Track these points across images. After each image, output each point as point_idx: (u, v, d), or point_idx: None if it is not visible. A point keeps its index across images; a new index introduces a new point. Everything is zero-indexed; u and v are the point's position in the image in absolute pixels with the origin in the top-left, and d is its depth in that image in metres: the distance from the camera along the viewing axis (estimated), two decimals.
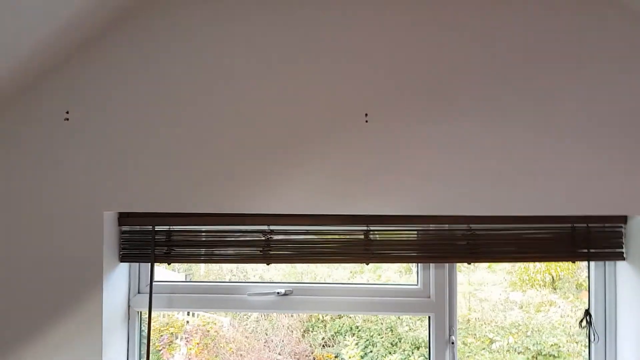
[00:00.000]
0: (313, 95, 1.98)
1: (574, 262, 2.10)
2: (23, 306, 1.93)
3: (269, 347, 3.25)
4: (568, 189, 1.99)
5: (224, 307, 2.22)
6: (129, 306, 2.12)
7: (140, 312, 2.10)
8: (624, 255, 2.06)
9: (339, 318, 3.53)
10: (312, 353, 3.34)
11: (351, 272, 3.04)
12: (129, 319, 2.13)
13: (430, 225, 2.08)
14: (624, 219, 2.06)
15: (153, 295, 2.09)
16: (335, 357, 3.20)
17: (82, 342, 1.92)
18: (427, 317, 2.21)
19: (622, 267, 2.11)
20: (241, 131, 1.97)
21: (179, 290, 2.16)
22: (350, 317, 3.53)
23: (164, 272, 2.54)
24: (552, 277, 3.23)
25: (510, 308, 3.40)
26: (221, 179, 1.96)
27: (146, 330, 2.08)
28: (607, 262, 2.14)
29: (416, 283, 2.21)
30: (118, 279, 2.05)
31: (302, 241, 2.09)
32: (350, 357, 3.14)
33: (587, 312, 2.12)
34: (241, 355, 3.11)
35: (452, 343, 2.17)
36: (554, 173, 1.99)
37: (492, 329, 3.36)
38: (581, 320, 2.12)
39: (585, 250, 2.06)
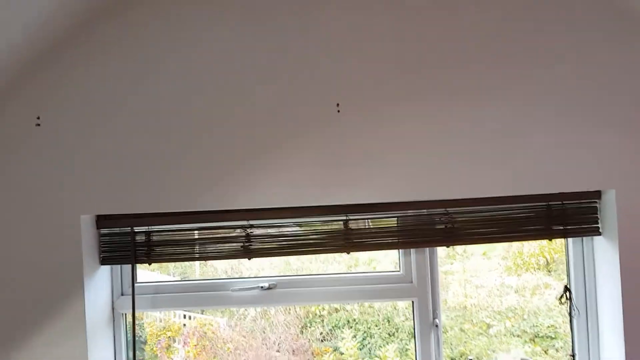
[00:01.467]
0: (284, 89, 2.01)
1: (550, 239, 2.12)
2: (5, 312, 1.90)
3: (266, 344, 3.27)
4: (542, 168, 2.02)
5: (209, 305, 2.25)
6: (113, 308, 2.15)
7: (126, 314, 2.12)
8: (600, 230, 2.08)
9: (336, 312, 3.55)
10: (310, 348, 3.35)
11: (347, 265, 3.06)
12: (114, 321, 2.15)
13: (409, 211, 2.10)
14: (598, 194, 2.07)
15: (138, 296, 2.11)
16: (334, 350, 3.21)
17: (67, 345, 1.95)
18: (411, 302, 2.23)
19: (598, 242, 2.13)
20: (215, 129, 2.00)
21: (163, 290, 2.18)
22: (347, 311, 3.54)
23: (155, 275, 2.56)
24: (547, 260, 3.23)
25: (506, 293, 3.41)
26: (198, 177, 1.99)
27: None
28: (584, 238, 2.15)
29: (398, 269, 2.23)
30: (100, 282, 2.07)
31: (282, 234, 2.12)
32: (347, 349, 3.16)
33: (567, 288, 2.14)
34: (239, 354, 3.13)
35: (436, 326, 2.19)
36: (528, 153, 2.02)
37: (489, 314, 3.37)
38: (561, 296, 2.14)
39: (562, 227, 2.07)
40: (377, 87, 2.01)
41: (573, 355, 2.21)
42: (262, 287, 2.18)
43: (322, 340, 3.42)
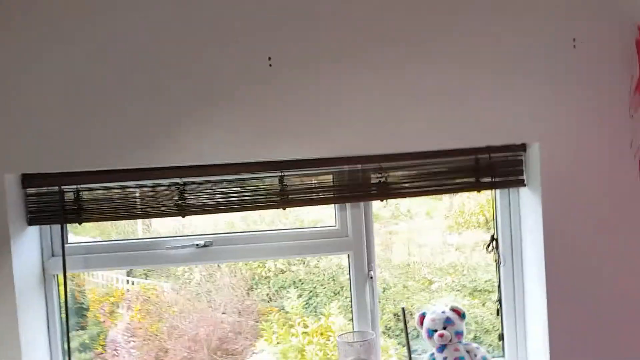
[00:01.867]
0: (214, 42, 1.97)
1: (479, 191, 2.19)
2: None
3: (212, 307, 3.28)
4: (470, 123, 2.08)
5: (144, 264, 2.24)
6: (43, 270, 2.11)
7: (58, 276, 2.09)
8: (525, 182, 2.16)
9: (282, 273, 3.57)
10: (256, 308, 3.38)
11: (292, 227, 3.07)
12: (45, 282, 2.11)
13: (345, 167, 2.12)
14: (523, 148, 2.15)
15: (69, 257, 2.08)
16: (279, 310, 3.25)
17: None
18: (347, 255, 2.27)
19: (523, 193, 2.21)
20: (145, 84, 1.96)
21: (95, 251, 2.16)
22: (292, 272, 3.57)
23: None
24: (486, 218, 3.33)
25: (448, 250, 3.52)
26: (129, 133, 1.95)
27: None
28: (510, 190, 2.23)
29: (334, 224, 2.26)
30: (29, 243, 2.00)
31: (216, 192, 2.11)
32: (292, 308, 3.20)
33: (493, 238, 2.22)
34: (184, 317, 3.12)
35: (371, 278, 2.24)
36: (457, 108, 2.07)
37: (431, 271, 3.47)
38: (488, 245, 2.23)
39: (490, 180, 2.14)
40: (310, 41, 2.00)
41: (499, 302, 2.31)
42: (197, 244, 2.17)
43: (268, 301, 3.46)
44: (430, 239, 3.57)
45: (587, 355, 2.13)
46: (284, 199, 2.11)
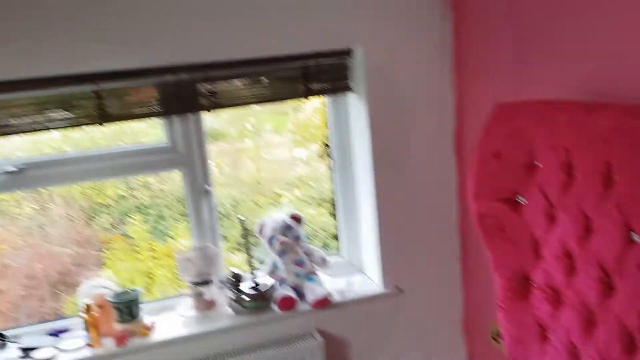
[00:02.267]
0: None
1: (308, 98, 2.21)
2: None
3: (47, 240, 3.07)
4: (296, 28, 2.05)
5: None
6: None
7: None
8: (352, 88, 2.21)
9: (124, 199, 3.42)
10: (97, 237, 3.23)
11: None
12: None
13: (168, 76, 2.01)
14: (349, 53, 2.18)
15: None
16: (123, 237, 3.13)
17: None
18: (180, 171, 2.21)
19: (351, 99, 2.28)
20: None
21: None
22: (136, 197, 3.43)
23: None
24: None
25: (296, 164, 3.58)
26: None
27: None
28: (339, 96, 2.28)
29: (164, 140, 2.16)
30: None
31: (26, 112, 1.89)
32: (137, 234, 3.09)
33: (325, 145, 2.28)
34: (17, 254, 2.90)
35: (207, 192, 2.21)
36: (283, 13, 2.01)
37: (280, 185, 3.53)
38: (321, 152, 2.29)
39: (318, 87, 2.17)
40: None
41: (334, 205, 2.42)
42: (8, 170, 1.97)
43: (110, 229, 3.31)
44: (278, 154, 3.61)
45: (410, 245, 2.34)
46: (102, 114, 1.96)
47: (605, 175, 1.30)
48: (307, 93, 2.16)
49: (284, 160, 3.61)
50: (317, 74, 2.14)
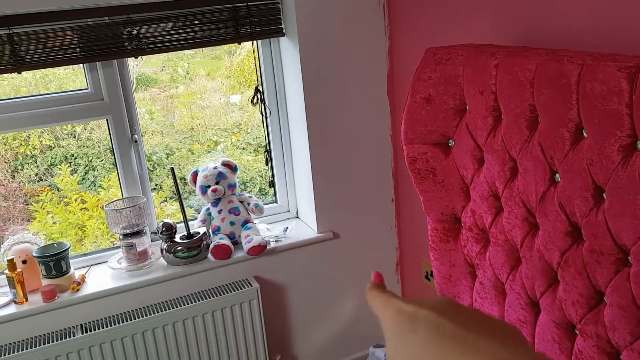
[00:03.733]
0: None
1: (239, 43, 2.13)
2: None
3: None
4: None
5: None
6: None
7: None
8: (283, 31, 2.14)
9: (50, 150, 3.28)
10: (23, 190, 3.09)
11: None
12: None
13: (88, 20, 1.88)
14: None
15: None
16: (51, 189, 3.01)
17: None
18: (106, 120, 2.10)
19: (284, 43, 2.21)
20: None
21: None
22: (62, 147, 3.29)
23: None
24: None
25: (231, 110, 3.49)
26: None
27: None
28: (271, 40, 2.21)
29: (86, 87, 2.04)
30: None
31: None
32: (66, 185, 2.97)
33: (257, 90, 2.22)
34: None
35: (136, 142, 2.13)
36: None
37: (216, 132, 3.45)
38: (252, 98, 2.23)
39: (249, 30, 2.08)
40: None
41: (268, 151, 2.39)
42: None
43: (37, 181, 3.18)
44: (212, 101, 3.51)
45: (345, 190, 2.35)
46: (17, 61, 1.82)
47: (530, 118, 1.33)
48: (238, 37, 2.07)
49: (219, 106, 3.52)
50: (248, 16, 2.06)
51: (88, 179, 3.18)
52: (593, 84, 1.15)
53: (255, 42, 2.18)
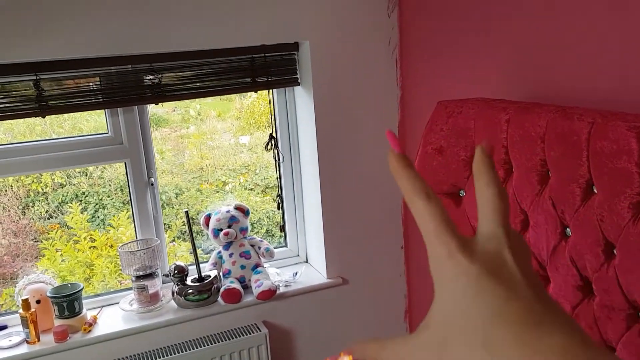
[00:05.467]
0: None
1: (256, 91, 2.20)
2: None
3: None
4: (244, 20, 2.02)
5: None
6: None
7: None
8: (299, 81, 2.22)
9: (62, 187, 3.32)
10: (33, 227, 3.12)
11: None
12: None
13: (112, 68, 1.95)
14: (296, 47, 2.18)
15: None
16: (61, 226, 3.04)
17: None
18: (124, 163, 2.16)
19: (298, 92, 2.28)
20: None
21: None
22: (74, 185, 3.33)
23: None
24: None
25: (240, 151, 3.55)
26: None
27: None
28: (286, 89, 2.28)
29: (107, 131, 2.10)
30: None
31: None
32: (76, 223, 3.00)
33: (272, 137, 2.28)
34: None
35: (152, 185, 2.17)
36: (229, 5, 1.98)
37: (225, 172, 3.49)
38: (267, 144, 2.29)
39: (266, 79, 2.15)
40: None
41: (280, 196, 2.43)
42: None
43: (47, 218, 3.21)
44: (222, 141, 3.57)
45: (354, 236, 2.38)
46: (42, 105, 1.88)
47: (541, 172, 1.37)
48: (255, 86, 2.14)
49: (228, 146, 3.58)
50: (265, 67, 2.13)
51: (98, 217, 3.21)
52: (603, 142, 1.19)
53: (271, 90, 2.25)
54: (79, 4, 1.80)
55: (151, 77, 2.00)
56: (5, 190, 3.10)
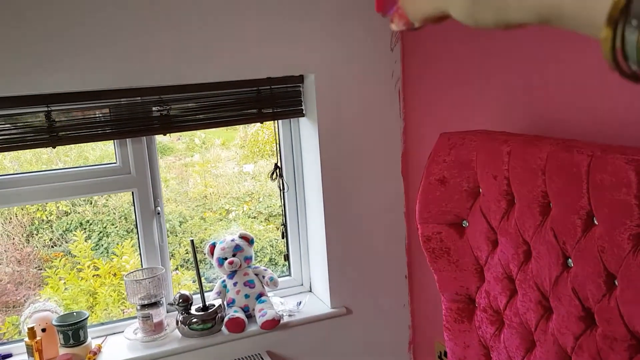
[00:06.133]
0: None
1: (262, 122, 2.24)
2: None
3: None
4: (250, 55, 2.08)
5: None
6: None
7: None
8: (304, 112, 2.26)
9: (66, 215, 3.34)
10: (38, 255, 3.14)
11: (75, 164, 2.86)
12: None
13: (122, 100, 2.00)
14: (301, 79, 2.23)
15: None
16: (65, 254, 3.05)
17: None
18: (131, 192, 2.19)
19: (303, 123, 2.33)
20: None
21: None
22: (78, 213, 3.35)
23: None
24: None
25: (244, 179, 3.58)
26: None
27: None
28: (291, 120, 2.33)
29: (114, 160, 2.14)
30: None
31: None
32: (80, 251, 3.02)
33: (277, 166, 2.32)
34: None
35: (158, 214, 2.20)
36: (236, 39, 2.04)
37: (228, 200, 3.52)
38: (272, 174, 2.32)
39: (271, 111, 2.20)
40: None
41: (284, 225, 2.45)
42: None
43: (52, 246, 3.23)
44: (226, 169, 3.61)
45: (358, 265, 2.40)
46: (53, 136, 1.93)
47: (542, 204, 1.39)
48: (260, 117, 2.19)
49: (232, 174, 3.61)
50: (271, 98, 2.18)
51: (102, 245, 3.22)
52: (602, 175, 1.22)
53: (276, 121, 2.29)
54: (91, 38, 1.85)
55: (159, 108, 2.05)
56: (10, 219, 3.13)
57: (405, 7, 0.39)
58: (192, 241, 2.17)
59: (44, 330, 1.98)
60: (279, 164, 2.32)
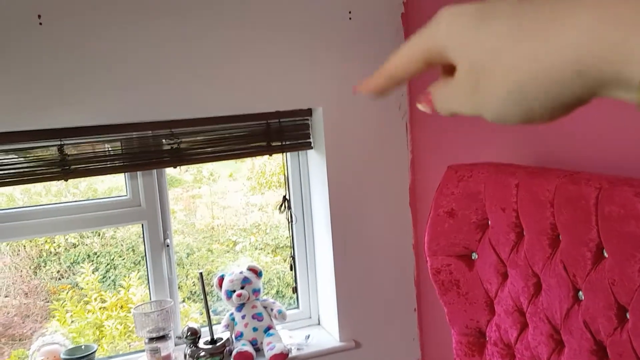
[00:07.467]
0: None
1: (271, 154, 2.26)
2: None
3: None
4: (259, 89, 2.12)
5: None
6: None
7: None
8: (312, 145, 2.29)
9: (74, 247, 3.35)
10: (45, 287, 3.14)
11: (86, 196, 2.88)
12: None
13: (134, 133, 2.03)
14: (309, 112, 2.26)
15: None
16: (72, 287, 3.05)
17: None
18: (141, 225, 2.20)
19: (311, 155, 2.35)
20: None
21: None
22: (86, 245, 3.36)
23: None
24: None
25: (251, 211, 3.59)
26: None
27: None
28: (299, 152, 2.35)
29: (124, 192, 2.16)
30: None
31: None
32: (87, 283, 3.02)
33: (285, 198, 2.33)
34: None
35: (167, 246, 2.21)
36: (246, 74, 2.09)
37: (235, 232, 3.53)
38: (280, 206, 2.33)
39: (280, 144, 2.23)
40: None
41: (293, 257, 2.45)
42: None
43: (59, 279, 3.23)
44: (233, 201, 3.63)
45: (367, 298, 2.39)
46: (65, 169, 1.95)
47: (551, 236, 1.40)
48: (269, 150, 2.21)
49: (239, 206, 3.63)
50: (279, 131, 2.21)
51: (109, 277, 3.22)
52: (611, 207, 1.23)
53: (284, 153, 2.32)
54: (103, 75, 1.89)
55: (170, 141, 2.08)
56: (19, 251, 3.14)
57: (434, 98, 0.40)
58: (200, 274, 2.17)
59: None
60: (287, 196, 2.33)
